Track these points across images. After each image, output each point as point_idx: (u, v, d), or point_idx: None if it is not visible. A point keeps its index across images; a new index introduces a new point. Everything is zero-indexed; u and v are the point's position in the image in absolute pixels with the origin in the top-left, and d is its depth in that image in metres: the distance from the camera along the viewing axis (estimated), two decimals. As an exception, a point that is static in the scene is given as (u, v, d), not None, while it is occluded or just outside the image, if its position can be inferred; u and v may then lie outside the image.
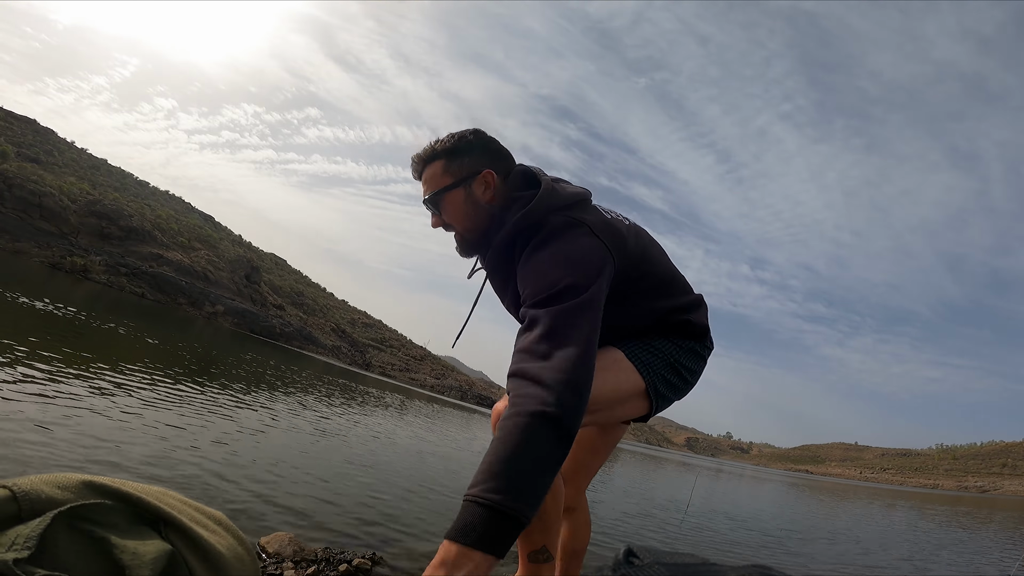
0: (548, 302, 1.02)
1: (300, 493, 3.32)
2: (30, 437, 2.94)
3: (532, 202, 1.19)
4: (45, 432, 3.11)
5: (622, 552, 2.66)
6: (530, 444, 0.84)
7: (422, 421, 11.57)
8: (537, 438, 0.85)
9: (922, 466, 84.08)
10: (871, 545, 6.91)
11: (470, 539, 0.79)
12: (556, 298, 1.02)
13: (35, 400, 3.75)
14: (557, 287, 1.03)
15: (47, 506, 0.73)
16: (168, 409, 4.78)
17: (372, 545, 2.67)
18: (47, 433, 3.10)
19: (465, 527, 0.79)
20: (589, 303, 1.03)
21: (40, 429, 3.13)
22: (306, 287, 67.36)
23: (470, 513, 0.80)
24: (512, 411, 0.89)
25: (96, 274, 29.90)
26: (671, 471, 17.91)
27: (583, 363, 0.94)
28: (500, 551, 0.79)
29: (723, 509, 8.48)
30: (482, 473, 0.83)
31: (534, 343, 0.98)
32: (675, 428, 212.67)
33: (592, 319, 1.02)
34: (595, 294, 1.05)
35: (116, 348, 8.32)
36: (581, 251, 1.12)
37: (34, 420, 3.27)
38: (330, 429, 6.41)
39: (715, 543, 5.02)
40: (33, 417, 3.33)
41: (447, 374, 66.90)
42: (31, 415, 3.36)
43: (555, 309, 1.01)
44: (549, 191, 1.22)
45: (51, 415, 3.50)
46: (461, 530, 0.80)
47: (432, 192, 1.26)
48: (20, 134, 49.38)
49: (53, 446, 2.91)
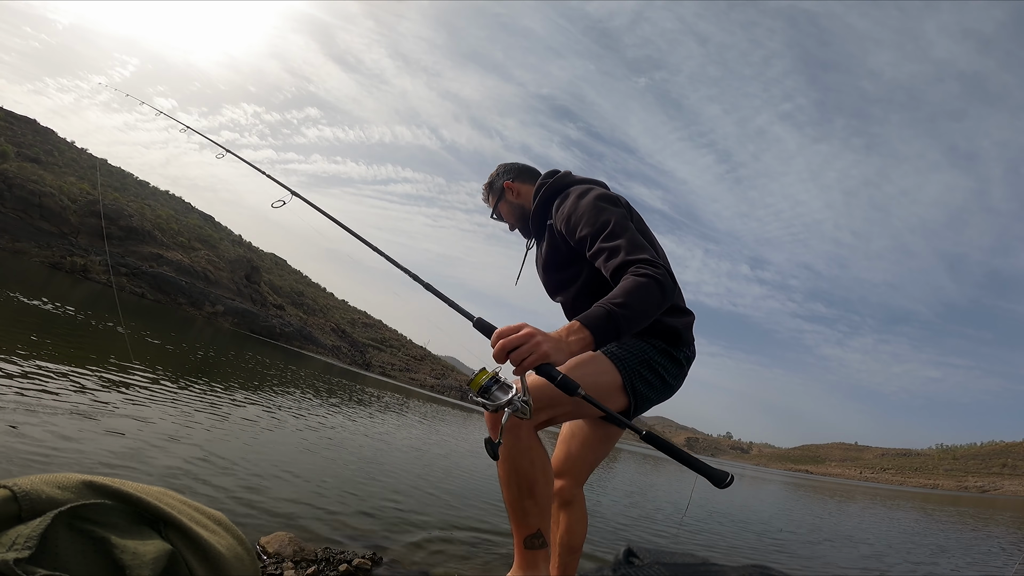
0: (613, 235, 1.46)
1: (300, 493, 3.32)
2: (31, 437, 2.94)
3: (554, 178, 1.77)
4: (46, 432, 3.11)
5: (622, 552, 2.67)
6: (648, 292, 1.28)
7: (422, 421, 11.57)
8: (652, 292, 1.29)
9: (922, 466, 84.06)
10: (871, 545, 6.91)
11: (587, 321, 1.21)
12: (617, 232, 1.47)
13: (35, 400, 3.75)
14: (610, 224, 1.49)
15: (47, 506, 0.73)
16: (168, 409, 4.78)
17: (372, 545, 2.67)
18: (48, 433, 3.10)
19: (589, 316, 1.22)
20: (633, 230, 1.51)
21: (40, 429, 3.13)
22: (306, 287, 67.36)
23: (597, 309, 1.23)
24: (637, 271, 1.32)
25: (96, 274, 29.91)
26: (671, 471, 17.92)
27: (666, 261, 1.55)
28: (601, 341, 1.22)
29: (723, 510, 8.48)
30: (615, 296, 1.26)
31: (630, 250, 1.41)
32: (675, 428, 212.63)
33: None
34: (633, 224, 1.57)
35: (116, 348, 8.32)
36: (610, 196, 1.61)
37: (34, 419, 3.27)
38: (330, 429, 6.41)
39: (715, 543, 5.03)
40: (33, 416, 3.33)
41: (447, 374, 66.92)
42: (30, 414, 3.36)
43: (624, 238, 1.45)
44: (567, 172, 1.80)
45: (52, 414, 3.49)
46: (587, 316, 1.22)
47: (491, 212, 2.01)
48: (20, 134, 49.39)
49: (53, 446, 2.91)
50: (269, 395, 8.27)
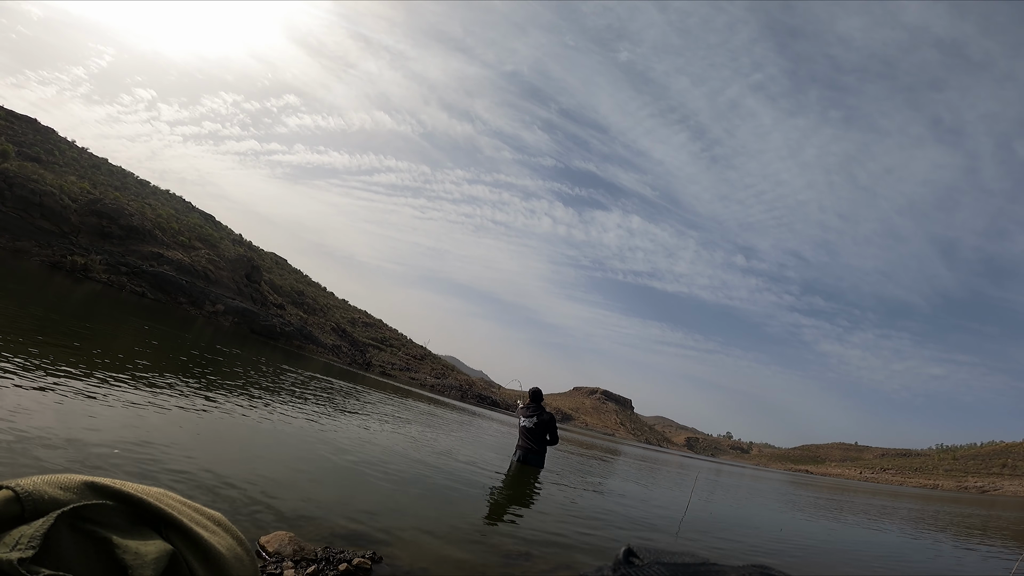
0: None
1: (300, 492, 3.33)
2: (30, 438, 2.95)
3: None
4: (45, 433, 3.11)
5: (622, 552, 2.66)
6: None
7: (421, 420, 11.57)
8: None
9: (922, 466, 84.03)
10: (871, 545, 6.91)
11: None
12: None
13: (35, 400, 3.75)
14: None
15: (50, 506, 0.74)
16: (168, 408, 4.78)
17: (372, 544, 2.67)
18: (47, 433, 3.10)
19: None
20: None
21: (40, 429, 3.13)
22: (306, 286, 67.35)
23: None
24: None
25: (97, 273, 29.92)
26: (671, 471, 17.92)
27: None
28: None
29: (723, 509, 8.48)
30: None
31: None
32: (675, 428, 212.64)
33: None
34: None
35: (116, 348, 8.32)
36: None
37: (35, 420, 3.27)
38: (330, 428, 6.41)
39: (715, 543, 5.03)
40: (33, 417, 3.34)
41: (447, 374, 66.90)
42: (32, 415, 3.36)
43: None
44: None
45: (53, 415, 3.50)
46: None
47: None
48: (21, 133, 49.42)
49: (52, 446, 2.92)
50: (268, 395, 8.27)
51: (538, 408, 7.08)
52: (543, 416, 6.99)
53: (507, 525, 3.90)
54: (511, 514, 4.34)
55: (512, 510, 4.55)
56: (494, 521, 3.94)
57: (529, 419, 6.98)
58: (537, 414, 6.98)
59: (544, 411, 7.07)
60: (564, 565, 3.11)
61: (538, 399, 7.18)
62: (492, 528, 3.69)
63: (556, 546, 3.55)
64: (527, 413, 7.06)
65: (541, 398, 7.23)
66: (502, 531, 3.69)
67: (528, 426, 6.96)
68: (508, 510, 4.51)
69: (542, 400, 7.25)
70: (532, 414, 7.00)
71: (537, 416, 6.96)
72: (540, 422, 6.94)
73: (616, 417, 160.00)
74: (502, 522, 3.98)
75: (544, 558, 3.17)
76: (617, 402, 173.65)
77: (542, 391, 7.30)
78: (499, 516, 4.15)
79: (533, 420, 6.95)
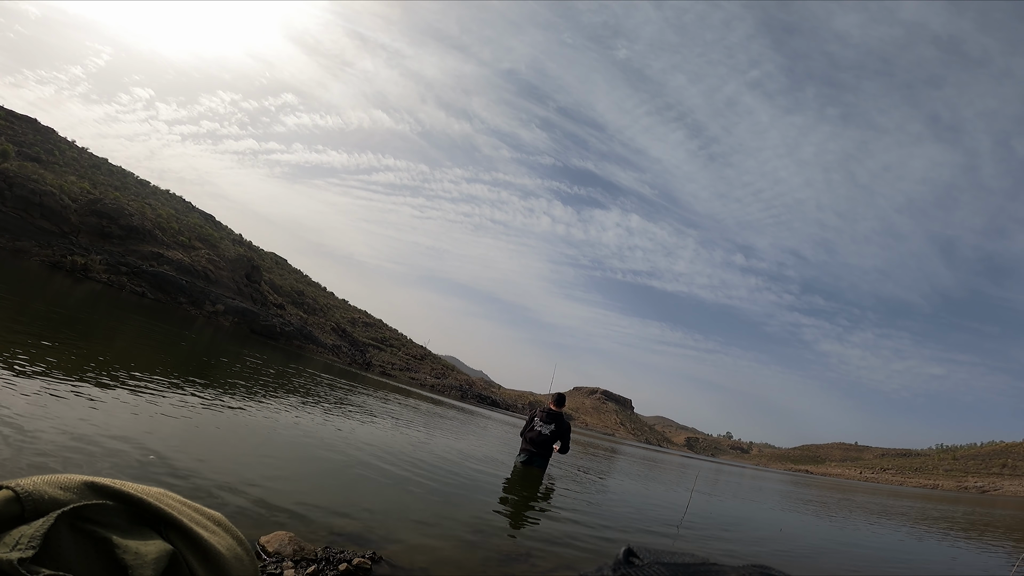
0: None
1: (300, 492, 3.33)
2: (30, 437, 2.95)
3: None
4: (44, 433, 3.11)
5: (622, 552, 2.66)
6: None
7: (422, 420, 11.57)
8: None
9: (922, 466, 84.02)
10: (871, 545, 6.91)
11: None
12: None
13: (34, 400, 3.75)
14: None
15: (50, 506, 0.74)
16: (168, 408, 4.78)
17: (372, 544, 2.67)
18: (47, 434, 3.10)
19: None
20: None
21: (41, 429, 3.14)
22: (306, 286, 67.37)
23: None
24: None
25: (97, 273, 29.92)
26: (671, 471, 17.92)
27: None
28: None
29: (722, 509, 8.48)
30: None
31: None
32: (675, 428, 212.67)
33: None
34: None
35: (116, 348, 8.32)
36: None
37: (35, 420, 3.27)
38: (330, 428, 6.41)
39: (715, 543, 5.03)
40: (33, 417, 3.34)
41: (447, 373, 66.92)
42: (33, 415, 3.36)
43: None
44: None
45: (52, 415, 3.50)
46: None
47: None
48: (21, 133, 49.44)
49: (52, 446, 2.92)
50: (268, 395, 8.27)
51: (558, 415, 6.70)
52: (562, 425, 6.66)
53: (507, 525, 3.91)
54: (511, 514, 4.34)
55: (513, 510, 4.56)
56: (494, 521, 3.94)
57: (547, 425, 6.60)
58: (556, 421, 6.62)
59: (563, 419, 6.72)
60: (564, 565, 3.11)
61: (561, 405, 6.80)
62: (492, 528, 3.69)
63: (556, 546, 3.55)
64: (545, 419, 6.64)
65: (563, 404, 6.85)
66: (502, 531, 3.69)
67: (544, 432, 6.58)
68: (509, 510, 4.51)
69: (564, 406, 6.87)
70: (551, 421, 6.62)
71: (556, 424, 6.61)
72: (558, 430, 6.62)
73: (616, 417, 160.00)
74: (503, 522, 3.98)
75: (544, 558, 3.17)
76: (617, 402, 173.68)
77: (565, 396, 6.93)
78: (499, 516, 4.15)
79: (551, 427, 6.59)
